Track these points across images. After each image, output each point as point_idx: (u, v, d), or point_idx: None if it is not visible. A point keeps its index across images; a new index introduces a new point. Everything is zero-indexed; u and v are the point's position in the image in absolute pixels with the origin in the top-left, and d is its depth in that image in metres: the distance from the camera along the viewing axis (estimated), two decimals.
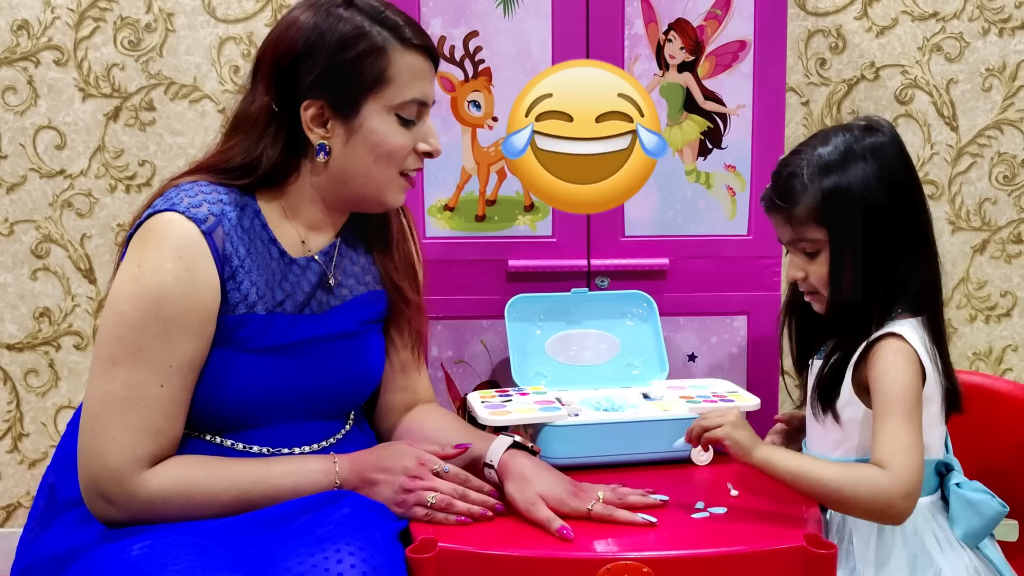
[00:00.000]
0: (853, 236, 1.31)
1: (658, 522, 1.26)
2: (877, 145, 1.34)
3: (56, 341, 2.32)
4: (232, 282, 1.28)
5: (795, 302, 1.45)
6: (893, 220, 1.32)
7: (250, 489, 1.26)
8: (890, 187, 1.32)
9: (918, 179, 1.37)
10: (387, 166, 1.34)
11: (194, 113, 2.26)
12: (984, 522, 1.32)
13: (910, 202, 1.34)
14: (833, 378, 1.34)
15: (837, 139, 1.35)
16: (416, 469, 1.28)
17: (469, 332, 1.86)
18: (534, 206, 1.84)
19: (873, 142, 1.34)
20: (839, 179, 1.32)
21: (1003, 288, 2.35)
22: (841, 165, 1.32)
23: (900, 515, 1.24)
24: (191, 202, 1.27)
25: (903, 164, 1.35)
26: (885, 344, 1.30)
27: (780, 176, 1.37)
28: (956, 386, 1.36)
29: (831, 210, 1.31)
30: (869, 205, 1.31)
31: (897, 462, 1.23)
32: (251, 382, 1.30)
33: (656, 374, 1.70)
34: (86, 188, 2.27)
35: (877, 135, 1.35)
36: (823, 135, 1.37)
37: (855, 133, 1.35)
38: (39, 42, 2.23)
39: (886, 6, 2.25)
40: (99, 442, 1.22)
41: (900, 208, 1.33)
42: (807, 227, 1.34)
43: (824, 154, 1.34)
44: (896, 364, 1.28)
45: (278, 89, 1.31)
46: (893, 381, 1.28)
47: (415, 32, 1.33)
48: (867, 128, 1.35)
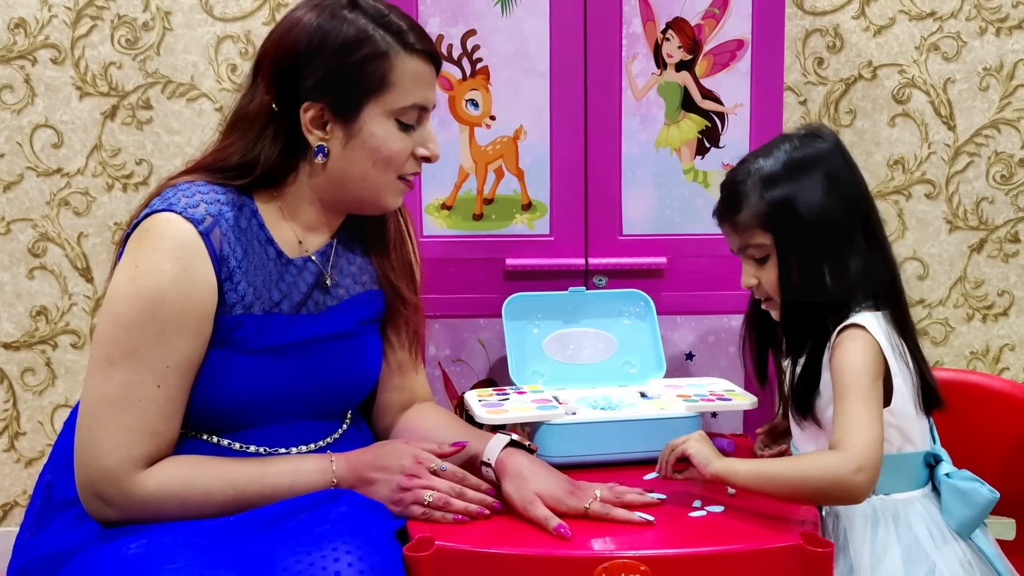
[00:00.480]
0: (797, 241, 1.35)
1: (655, 520, 1.26)
2: (819, 151, 1.37)
3: (53, 340, 2.32)
4: (229, 283, 1.28)
5: (756, 312, 1.48)
6: (839, 223, 1.35)
7: (247, 488, 1.25)
8: (834, 191, 1.35)
9: (862, 181, 1.41)
10: (385, 170, 1.34)
11: (191, 112, 2.25)
12: (976, 511, 1.33)
13: (855, 204, 1.37)
14: (807, 383, 1.36)
15: (779, 148, 1.39)
16: (413, 468, 1.28)
17: (466, 331, 1.86)
18: (532, 205, 1.84)
19: (815, 149, 1.38)
20: (783, 186, 1.35)
21: (1000, 287, 2.35)
22: (784, 173, 1.36)
23: (855, 490, 1.24)
24: (188, 202, 1.27)
25: (845, 169, 1.38)
26: (844, 334, 1.33)
27: (726, 187, 1.42)
28: (930, 381, 1.38)
29: (775, 216, 1.35)
30: (812, 210, 1.34)
31: (848, 439, 1.25)
32: (248, 382, 1.30)
33: (653, 373, 1.70)
34: (83, 187, 2.27)
35: (818, 142, 1.39)
36: (766, 146, 1.42)
37: (796, 141, 1.39)
38: (36, 40, 2.22)
39: (884, 5, 2.25)
40: (95, 443, 1.22)
41: (845, 211, 1.36)
42: (753, 233, 1.38)
43: (766, 163, 1.38)
44: (851, 349, 1.31)
45: (278, 89, 1.31)
46: (847, 363, 1.30)
47: (419, 37, 1.33)
48: (808, 135, 1.40)
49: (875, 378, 1.30)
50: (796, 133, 1.41)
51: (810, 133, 1.40)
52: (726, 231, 1.43)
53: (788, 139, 1.40)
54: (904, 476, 1.36)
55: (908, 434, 1.35)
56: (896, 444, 1.34)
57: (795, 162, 1.37)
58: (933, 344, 2.35)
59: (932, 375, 1.39)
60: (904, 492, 1.35)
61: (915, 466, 1.36)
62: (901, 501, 1.35)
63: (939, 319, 2.35)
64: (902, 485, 1.35)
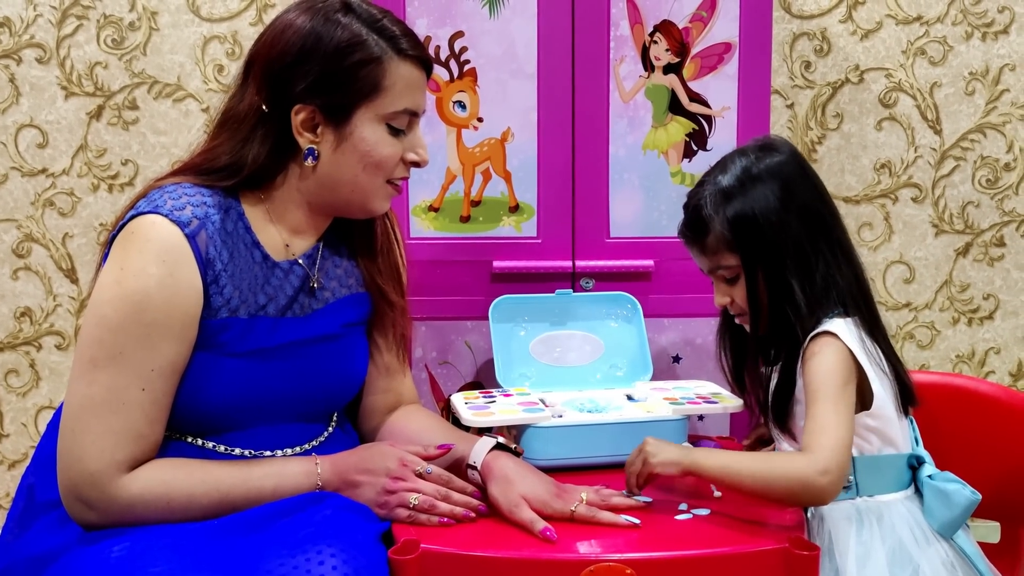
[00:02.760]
0: (762, 256, 1.36)
1: (641, 523, 1.26)
2: (774, 164, 1.38)
3: (37, 341, 2.30)
4: (215, 286, 1.28)
5: (727, 324, 1.49)
6: (802, 234, 1.36)
7: (231, 491, 1.25)
8: (792, 202, 1.36)
9: (823, 190, 1.41)
10: (375, 175, 1.33)
11: (177, 112, 2.24)
12: (958, 512, 1.34)
13: (816, 213, 1.38)
14: (783, 393, 1.37)
15: (735, 165, 1.39)
16: (398, 470, 1.28)
17: (453, 333, 1.85)
18: (519, 207, 1.84)
19: (770, 163, 1.38)
20: (741, 205, 1.36)
21: (986, 291, 2.36)
22: (741, 190, 1.37)
23: (820, 492, 1.25)
24: (175, 204, 1.27)
25: (804, 178, 1.39)
26: (816, 342, 1.33)
27: (688, 209, 1.43)
28: (906, 382, 1.38)
29: (739, 235, 1.36)
30: (773, 223, 1.35)
31: (815, 442, 1.25)
32: (233, 385, 1.29)
33: (640, 375, 1.70)
34: (68, 187, 2.26)
35: (773, 154, 1.39)
36: (722, 163, 1.42)
37: (751, 156, 1.39)
38: (21, 40, 2.21)
39: (871, 9, 2.25)
40: (79, 446, 1.21)
41: (807, 221, 1.36)
42: (720, 255, 1.39)
43: (724, 182, 1.38)
44: (821, 355, 1.31)
45: (269, 91, 1.30)
46: (817, 368, 1.30)
47: (412, 43, 1.33)
48: (763, 148, 1.40)
49: (845, 383, 1.30)
50: (750, 147, 1.41)
51: (764, 146, 1.40)
52: (694, 253, 1.44)
53: (743, 154, 1.40)
54: (887, 478, 1.36)
55: (889, 436, 1.35)
56: (877, 446, 1.35)
57: (752, 176, 1.37)
58: (919, 348, 2.36)
59: (908, 376, 1.39)
60: (887, 494, 1.36)
61: (898, 468, 1.37)
62: (885, 503, 1.35)
63: (925, 323, 2.36)
64: (885, 487, 1.36)
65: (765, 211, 1.35)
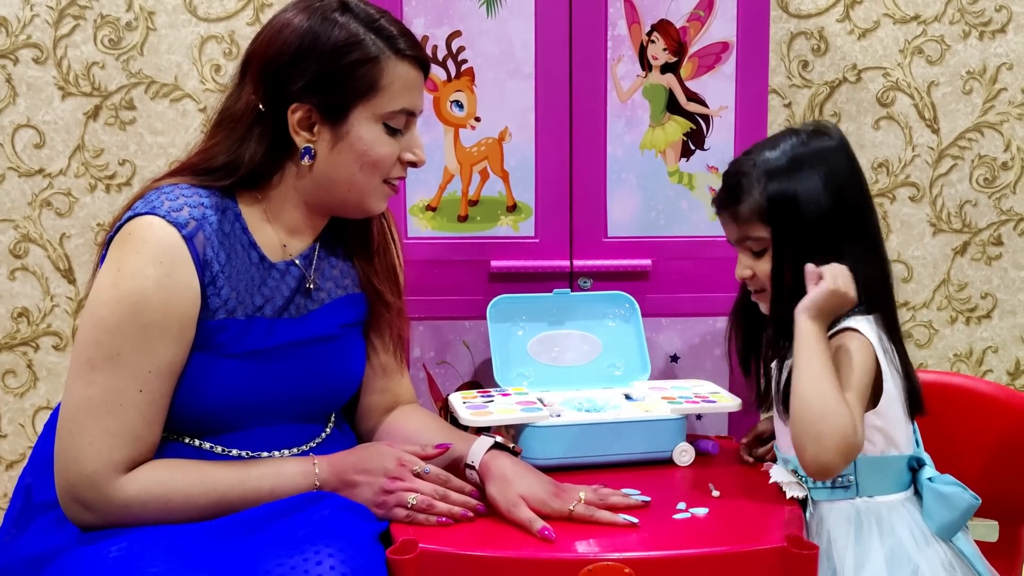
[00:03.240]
0: (796, 237, 1.35)
1: (640, 523, 1.26)
2: (824, 149, 1.38)
3: (35, 341, 2.30)
4: (212, 287, 1.27)
5: (744, 304, 1.48)
6: (837, 222, 1.35)
7: (228, 492, 1.25)
8: (835, 190, 1.35)
9: (865, 183, 1.41)
10: (372, 174, 1.33)
11: (175, 112, 2.24)
12: (957, 515, 1.34)
13: (856, 205, 1.37)
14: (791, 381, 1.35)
15: (785, 142, 1.39)
16: (396, 470, 1.28)
17: (451, 333, 1.85)
18: (517, 207, 1.84)
19: (820, 146, 1.38)
20: (785, 181, 1.36)
21: (983, 290, 2.36)
22: (788, 168, 1.36)
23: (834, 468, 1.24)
24: (172, 206, 1.26)
25: (850, 168, 1.39)
26: (844, 336, 1.33)
27: (729, 176, 1.42)
28: (916, 385, 1.38)
29: (775, 210, 1.35)
30: (813, 207, 1.34)
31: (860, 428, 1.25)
32: (231, 386, 1.29)
33: (638, 375, 1.70)
34: (65, 187, 2.26)
35: (824, 139, 1.39)
36: (772, 138, 1.42)
37: (803, 137, 1.39)
38: (18, 40, 2.21)
39: (868, 9, 2.26)
40: (76, 447, 1.21)
41: (845, 211, 1.36)
42: (753, 226, 1.38)
43: (771, 156, 1.38)
44: (850, 349, 1.31)
45: (266, 90, 1.30)
46: (851, 360, 1.30)
47: (410, 43, 1.33)
48: (815, 132, 1.40)
49: (869, 380, 1.30)
50: (803, 128, 1.41)
51: (817, 130, 1.40)
52: (724, 220, 1.43)
53: (795, 133, 1.40)
54: (888, 479, 1.36)
55: (893, 438, 1.35)
56: (880, 447, 1.35)
57: (800, 157, 1.37)
58: (917, 347, 2.36)
59: (918, 381, 1.39)
60: (887, 495, 1.35)
61: (899, 469, 1.37)
62: (884, 504, 1.35)
63: (923, 322, 2.36)
64: (885, 488, 1.36)
65: (806, 191, 1.34)
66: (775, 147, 1.39)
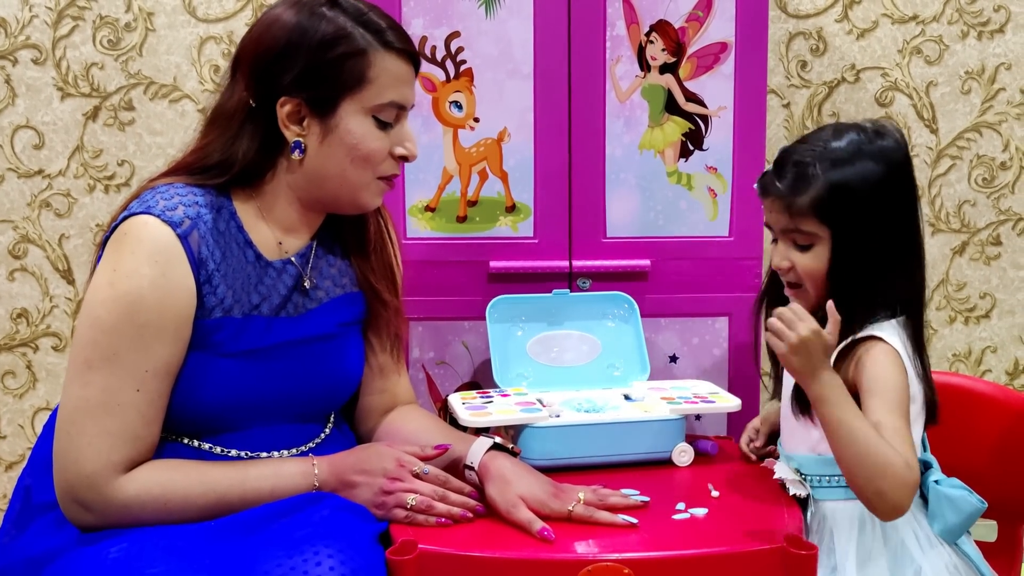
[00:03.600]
0: (854, 235, 1.32)
1: (639, 523, 1.26)
2: (887, 148, 1.34)
3: (34, 342, 2.30)
4: (208, 286, 1.27)
5: (771, 293, 1.46)
6: (891, 224, 1.33)
7: (227, 492, 1.25)
8: (893, 192, 1.33)
9: (917, 188, 1.38)
10: (363, 168, 1.33)
11: (174, 113, 2.24)
12: (963, 518, 1.33)
13: (909, 209, 1.35)
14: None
15: (849, 134, 1.35)
16: (395, 471, 1.28)
17: (450, 333, 1.85)
18: (516, 207, 1.84)
19: (882, 144, 1.34)
20: (847, 174, 1.32)
21: (982, 290, 2.36)
22: (850, 161, 1.33)
23: (904, 510, 1.23)
24: (167, 205, 1.26)
25: (906, 170, 1.35)
26: (872, 347, 1.31)
27: (784, 163, 1.36)
28: (934, 395, 1.37)
29: (835, 206, 1.31)
30: (871, 206, 1.31)
31: (913, 460, 1.23)
32: (228, 386, 1.29)
33: (637, 375, 1.70)
34: (64, 188, 2.26)
35: (886, 138, 1.35)
36: (834, 129, 1.37)
37: (867, 134, 1.35)
38: (17, 41, 2.21)
39: (867, 9, 2.26)
40: (75, 448, 1.21)
41: (898, 212, 1.33)
42: (805, 219, 1.33)
43: (835, 147, 1.34)
44: (889, 365, 1.29)
45: (256, 85, 1.31)
46: (891, 381, 1.28)
47: (398, 36, 1.33)
48: (876, 130, 1.36)
49: (907, 395, 1.29)
50: (865, 124, 1.37)
51: (878, 129, 1.36)
52: (772, 207, 1.37)
53: (858, 129, 1.36)
54: None
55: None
56: None
57: (864, 154, 1.33)
58: None
59: (935, 389, 1.37)
60: None
61: None
62: None
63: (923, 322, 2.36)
64: None
65: (868, 190, 1.31)
66: (839, 137, 1.34)
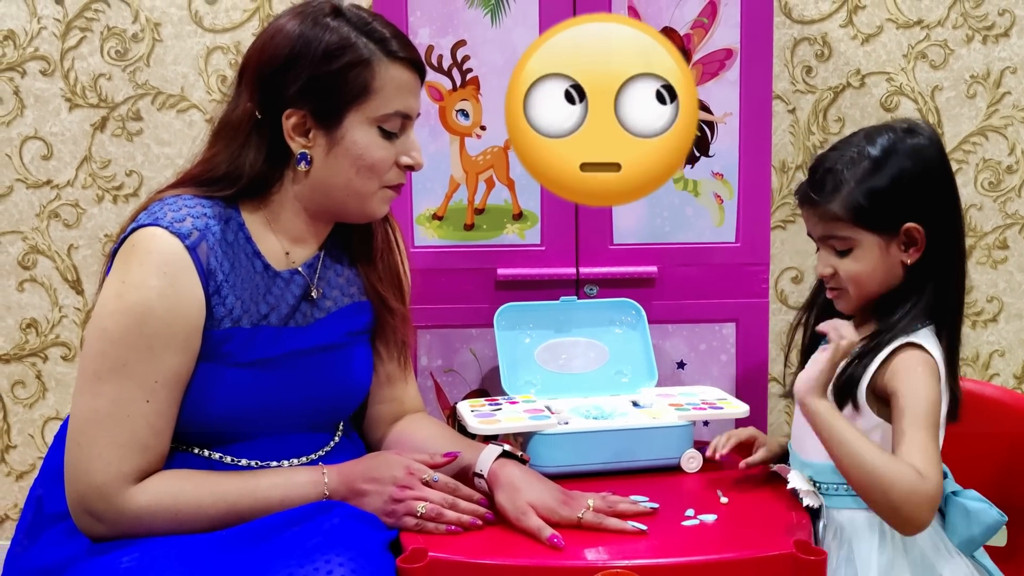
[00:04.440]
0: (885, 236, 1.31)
1: (648, 530, 1.26)
2: (919, 147, 1.33)
3: (43, 352, 2.31)
4: (217, 297, 1.28)
5: (817, 300, 1.45)
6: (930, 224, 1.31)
7: (238, 502, 1.25)
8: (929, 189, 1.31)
9: (955, 184, 1.36)
10: (369, 178, 1.33)
11: (181, 123, 2.25)
12: (982, 531, 1.32)
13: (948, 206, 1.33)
14: (850, 382, 1.32)
15: (880, 138, 1.34)
16: (405, 479, 1.28)
17: (458, 341, 1.86)
18: (523, 215, 1.85)
19: (915, 143, 1.33)
20: (878, 176, 1.31)
21: (989, 293, 2.36)
22: (882, 163, 1.32)
23: (923, 523, 1.22)
24: (175, 216, 1.27)
25: (944, 168, 1.34)
26: (910, 355, 1.29)
27: (817, 171, 1.36)
28: (959, 396, 1.36)
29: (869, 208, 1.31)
30: (907, 205, 1.30)
31: (931, 472, 1.21)
32: (238, 396, 1.30)
33: (645, 382, 1.70)
34: (73, 199, 2.27)
35: (919, 137, 1.34)
36: (866, 133, 1.36)
37: (898, 133, 1.34)
38: (25, 52, 2.22)
39: (871, 14, 2.26)
40: (85, 459, 1.22)
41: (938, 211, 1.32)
42: (840, 224, 1.33)
43: (869, 151, 1.33)
44: (924, 376, 1.28)
45: (262, 96, 1.31)
46: (922, 392, 1.26)
47: (402, 45, 1.33)
48: (908, 130, 1.34)
49: (939, 409, 1.28)
50: (896, 126, 1.35)
51: (909, 128, 1.35)
52: (810, 215, 1.37)
53: (890, 131, 1.34)
54: None
55: None
56: None
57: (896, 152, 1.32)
58: None
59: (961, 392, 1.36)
60: None
61: None
62: None
63: None
64: None
65: (899, 188, 1.30)
66: (872, 141, 1.33)
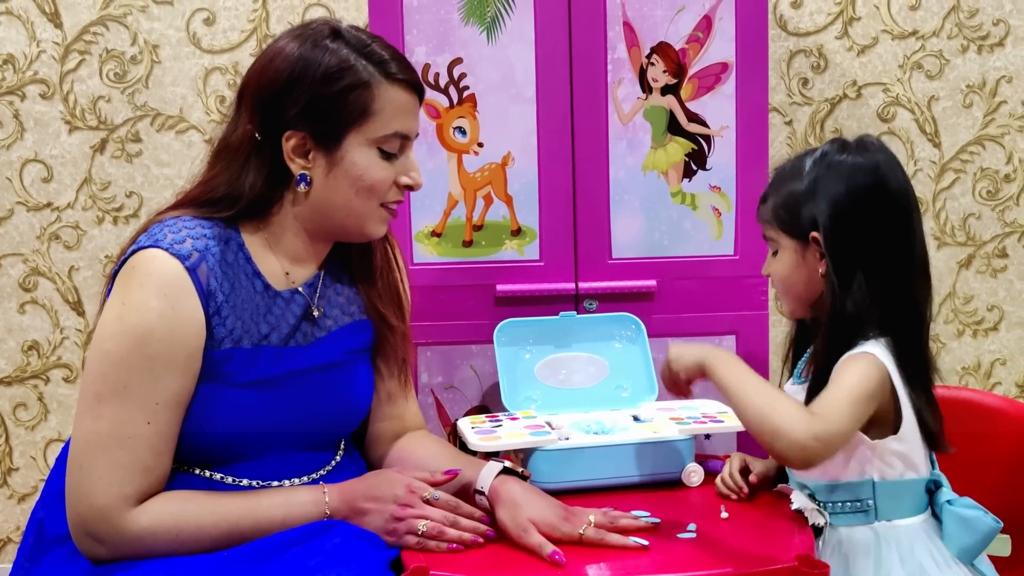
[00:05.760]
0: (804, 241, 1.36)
1: (650, 545, 1.26)
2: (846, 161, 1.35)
3: (45, 374, 2.31)
4: (217, 317, 1.28)
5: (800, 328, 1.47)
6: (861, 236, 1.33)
7: (239, 522, 1.25)
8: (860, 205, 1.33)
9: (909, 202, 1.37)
10: (368, 199, 1.34)
11: (181, 144, 2.26)
12: (978, 539, 1.32)
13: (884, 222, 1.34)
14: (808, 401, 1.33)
15: (820, 150, 1.39)
16: (406, 497, 1.28)
17: (458, 357, 1.86)
18: (521, 231, 1.85)
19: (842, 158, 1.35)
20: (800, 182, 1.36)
21: (989, 302, 2.36)
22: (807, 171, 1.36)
23: (799, 452, 1.24)
24: (175, 238, 1.27)
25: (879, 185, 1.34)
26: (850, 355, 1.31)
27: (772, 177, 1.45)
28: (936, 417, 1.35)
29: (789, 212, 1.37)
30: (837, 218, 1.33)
31: (824, 411, 1.25)
32: (239, 416, 1.30)
33: (645, 396, 1.70)
34: (73, 220, 2.27)
35: (852, 152, 1.36)
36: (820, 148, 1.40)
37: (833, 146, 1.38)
38: (25, 76, 2.23)
39: (867, 25, 2.27)
40: (87, 481, 1.22)
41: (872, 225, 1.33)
42: (767, 224, 1.41)
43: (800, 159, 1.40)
44: (856, 362, 1.30)
45: (261, 118, 1.31)
46: (848, 372, 1.29)
47: (401, 67, 1.34)
48: (843, 146, 1.37)
49: (870, 397, 1.28)
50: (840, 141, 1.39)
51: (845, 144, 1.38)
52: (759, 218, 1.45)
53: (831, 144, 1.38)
54: (906, 502, 1.34)
55: (912, 461, 1.33)
56: (899, 470, 1.32)
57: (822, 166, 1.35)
58: None
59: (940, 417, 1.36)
60: (906, 518, 1.33)
61: (917, 492, 1.35)
62: (903, 527, 1.33)
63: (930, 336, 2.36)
64: (905, 511, 1.34)
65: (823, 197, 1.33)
66: (812, 153, 1.39)
